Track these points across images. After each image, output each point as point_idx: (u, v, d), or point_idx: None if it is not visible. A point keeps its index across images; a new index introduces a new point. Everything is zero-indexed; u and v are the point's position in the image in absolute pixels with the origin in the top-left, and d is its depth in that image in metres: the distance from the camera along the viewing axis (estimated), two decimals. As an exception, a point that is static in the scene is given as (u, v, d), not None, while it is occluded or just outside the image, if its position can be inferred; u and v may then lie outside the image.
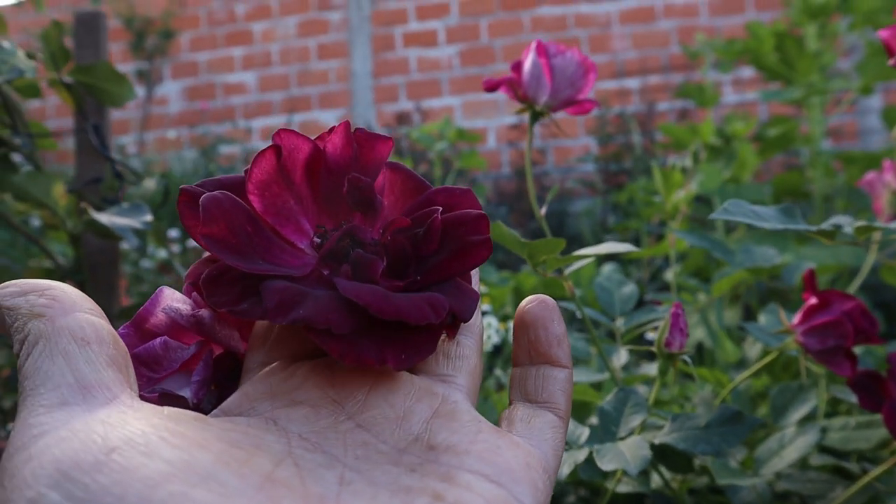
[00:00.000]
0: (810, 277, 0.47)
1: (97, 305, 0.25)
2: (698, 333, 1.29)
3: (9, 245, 1.58)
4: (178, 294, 0.29)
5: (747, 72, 2.93)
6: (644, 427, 0.49)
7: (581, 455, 0.44)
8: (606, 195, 2.72)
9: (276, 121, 3.51)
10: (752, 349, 0.74)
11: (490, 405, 0.79)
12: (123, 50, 3.50)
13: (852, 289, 0.74)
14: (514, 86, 0.55)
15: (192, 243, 2.29)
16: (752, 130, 1.59)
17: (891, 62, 0.44)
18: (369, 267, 0.26)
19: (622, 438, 0.45)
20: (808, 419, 0.52)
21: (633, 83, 3.25)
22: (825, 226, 0.47)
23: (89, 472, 0.18)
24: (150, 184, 0.68)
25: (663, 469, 0.54)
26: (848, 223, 0.47)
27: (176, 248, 2.32)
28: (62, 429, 0.20)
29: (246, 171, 0.27)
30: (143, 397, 0.25)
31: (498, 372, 1.06)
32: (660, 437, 0.45)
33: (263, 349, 0.27)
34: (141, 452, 0.19)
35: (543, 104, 0.54)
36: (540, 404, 0.27)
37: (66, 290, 0.24)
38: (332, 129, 0.28)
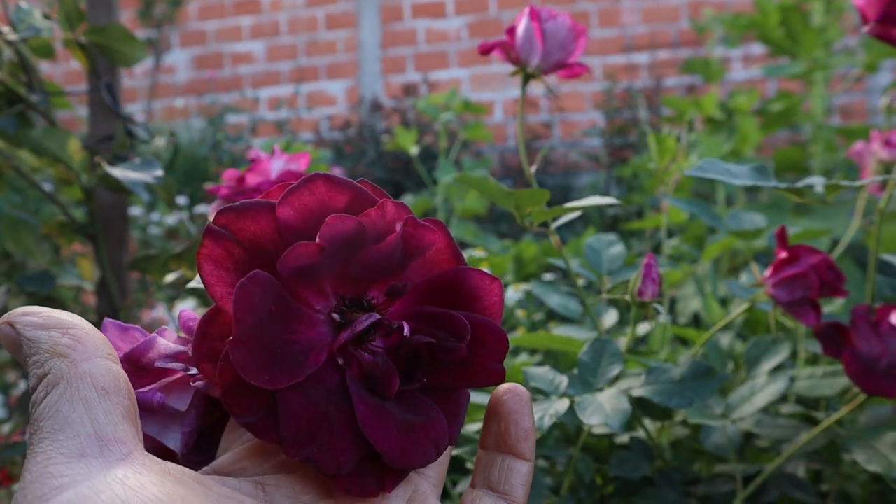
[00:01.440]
0: (781, 234, 0.49)
1: (113, 349, 0.25)
2: (695, 304, 1.33)
3: (19, 206, 1.61)
4: (169, 343, 0.30)
5: (756, 48, 2.92)
6: (622, 376, 0.52)
7: (562, 406, 0.47)
8: (611, 169, 2.73)
9: (284, 90, 3.53)
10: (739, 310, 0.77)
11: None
12: (132, 18, 3.51)
13: (836, 252, 0.76)
14: (507, 49, 0.57)
15: (198, 209, 2.32)
16: (754, 105, 1.60)
17: (866, 29, 0.46)
18: (387, 384, 0.26)
19: (600, 389, 0.48)
20: (781, 370, 0.55)
21: (641, 58, 3.24)
22: (797, 185, 0.50)
23: None
24: (160, 142, 0.71)
25: (645, 419, 0.58)
26: (819, 182, 0.50)
27: (184, 214, 2.35)
28: (82, 485, 0.20)
29: (281, 231, 0.26)
30: None
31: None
32: (636, 390, 0.48)
33: (238, 430, 0.28)
34: None
35: (535, 66, 0.57)
36: (501, 496, 0.28)
37: (88, 332, 0.24)
38: (381, 207, 0.27)
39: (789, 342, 0.55)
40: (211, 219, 0.33)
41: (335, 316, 0.27)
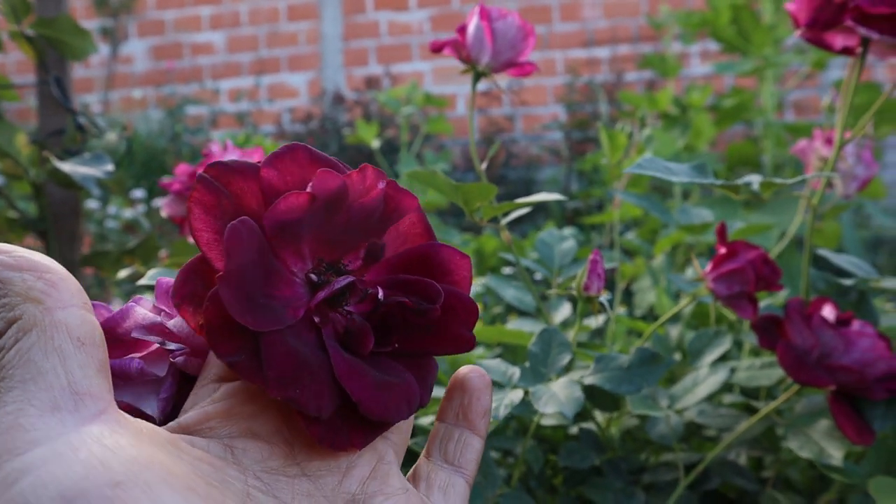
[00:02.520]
0: (721, 230, 0.51)
1: (87, 297, 0.24)
2: (651, 297, 1.35)
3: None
4: (147, 313, 0.30)
5: (713, 45, 2.98)
6: (571, 367, 0.53)
7: (516, 396, 0.48)
8: (572, 163, 2.76)
9: (245, 82, 3.48)
10: (688, 308, 0.79)
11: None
12: (87, 6, 3.43)
13: (780, 247, 0.79)
14: (458, 47, 0.58)
15: (156, 203, 2.29)
16: (708, 101, 1.63)
17: (797, 34, 0.48)
18: (361, 342, 0.27)
19: (552, 379, 0.50)
20: (724, 360, 0.57)
21: (602, 52, 3.27)
22: (734, 182, 0.51)
23: None
24: (111, 137, 0.70)
25: (595, 411, 0.59)
26: (756, 180, 0.52)
27: (141, 207, 2.32)
28: (57, 441, 0.20)
29: (264, 189, 0.27)
30: None
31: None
32: (587, 378, 0.49)
33: (218, 364, 0.28)
34: (143, 491, 0.20)
35: (485, 65, 0.57)
36: (456, 468, 0.29)
37: (64, 278, 0.23)
38: (363, 171, 0.28)
39: (732, 334, 0.57)
40: (163, 214, 0.33)
41: (312, 276, 0.27)
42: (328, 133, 3.24)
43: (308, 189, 0.26)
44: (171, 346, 0.29)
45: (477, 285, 1.19)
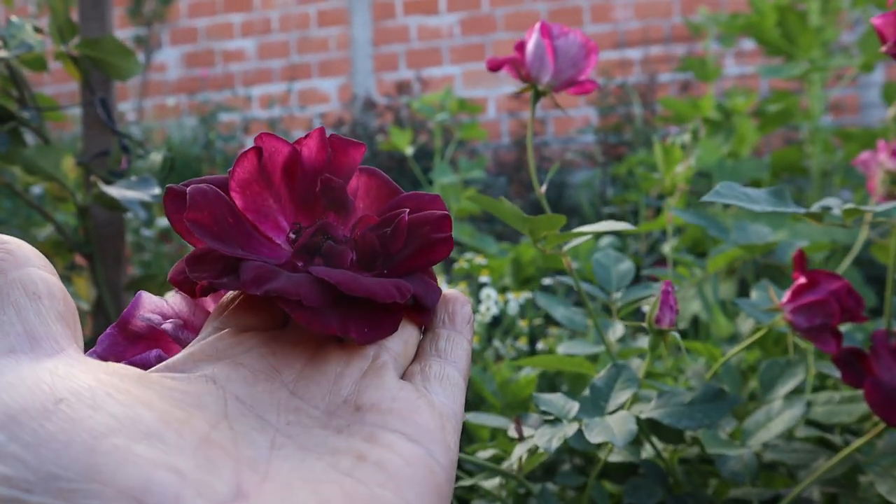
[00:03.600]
0: (800, 258, 0.48)
1: (49, 263, 0.26)
2: (695, 307, 1.32)
3: (11, 214, 1.59)
4: (155, 299, 0.31)
5: (749, 44, 2.92)
6: (636, 399, 0.51)
7: (570, 430, 0.46)
8: (606, 167, 2.72)
9: (276, 88, 3.49)
10: (745, 324, 0.76)
11: (489, 376, 0.82)
12: (121, 15, 3.47)
13: (843, 266, 0.75)
14: (517, 66, 0.56)
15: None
16: (752, 105, 1.59)
17: (883, 49, 0.45)
18: (340, 258, 0.28)
19: (611, 413, 0.48)
20: (796, 393, 0.54)
21: (634, 54, 3.23)
22: (814, 208, 0.49)
23: (37, 418, 0.19)
24: (156, 157, 0.69)
25: (655, 440, 0.57)
26: (837, 205, 0.49)
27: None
28: (9, 374, 0.21)
29: (230, 171, 0.29)
30: None
31: (496, 343, 1.08)
32: (646, 412, 0.47)
33: (220, 318, 0.28)
34: (88, 405, 0.20)
35: (546, 84, 0.55)
36: (448, 361, 0.29)
37: (20, 245, 0.25)
38: (308, 134, 0.30)
39: (803, 363, 0.55)
40: None
41: (291, 236, 0.29)
42: (360, 139, 3.23)
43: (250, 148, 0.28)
44: (166, 324, 0.30)
45: (519, 299, 1.16)
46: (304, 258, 0.28)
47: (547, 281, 1.49)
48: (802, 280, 0.48)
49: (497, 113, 3.35)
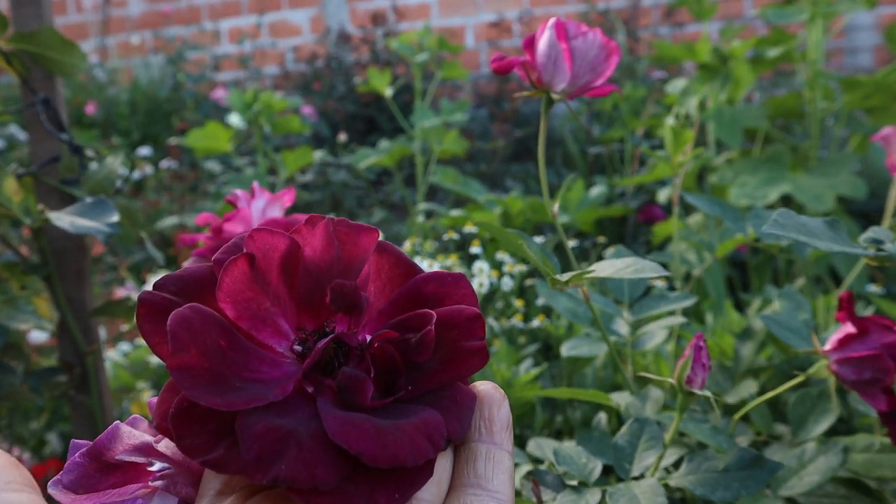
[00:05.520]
0: (848, 301, 0.43)
1: (22, 473, 0.24)
2: (691, 257, 1.28)
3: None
4: (135, 434, 0.27)
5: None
6: (661, 459, 0.46)
7: (593, 499, 0.42)
8: (591, 103, 2.63)
9: (245, 21, 3.32)
10: (758, 322, 0.72)
11: (490, 373, 0.77)
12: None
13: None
14: (527, 68, 0.49)
15: (164, 164, 2.20)
16: (749, 49, 1.51)
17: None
18: (358, 391, 0.24)
19: (636, 478, 0.43)
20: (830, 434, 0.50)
21: (617, -24, 3.09)
22: (863, 241, 0.43)
23: None
24: (113, 162, 0.62)
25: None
26: (888, 238, 0.43)
27: (148, 168, 2.23)
28: None
29: (214, 268, 0.25)
30: None
31: (490, 321, 1.04)
32: (676, 480, 0.43)
33: (219, 478, 0.25)
34: None
35: (560, 91, 0.48)
36: (490, 493, 0.26)
37: None
38: (310, 221, 0.26)
39: (836, 397, 0.50)
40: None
41: (297, 347, 0.25)
42: (335, 73, 3.10)
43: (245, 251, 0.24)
44: (157, 465, 0.27)
45: (513, 272, 1.11)
46: (315, 380, 0.24)
47: (538, 239, 1.44)
48: (851, 329, 0.42)
49: (476, 42, 3.22)
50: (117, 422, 0.28)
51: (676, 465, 0.45)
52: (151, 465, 0.27)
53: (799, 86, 1.67)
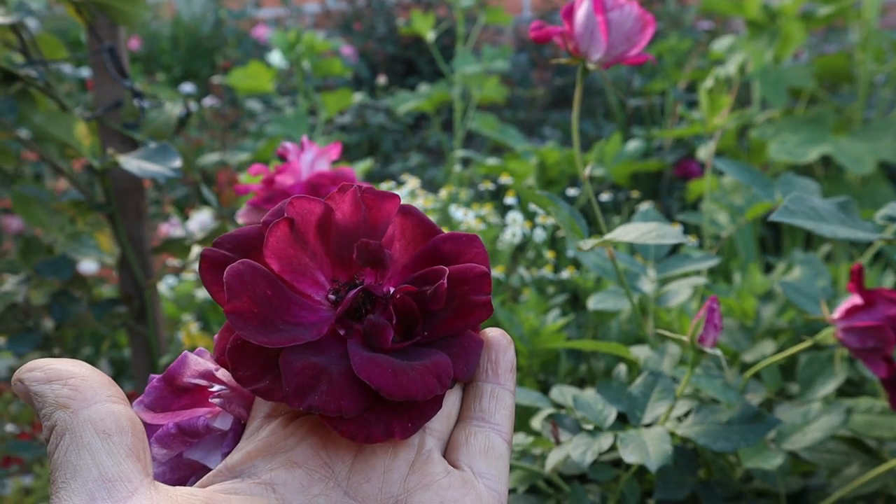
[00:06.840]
0: (858, 274, 0.45)
1: (117, 389, 0.27)
2: (721, 219, 1.29)
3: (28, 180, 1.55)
4: (200, 362, 0.31)
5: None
6: (671, 410, 0.50)
7: (605, 442, 0.46)
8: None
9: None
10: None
11: (517, 321, 0.81)
12: None
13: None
14: (564, 37, 0.51)
15: (207, 102, 2.24)
16: (803, 4, 1.48)
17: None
18: (381, 335, 0.28)
19: (647, 426, 0.47)
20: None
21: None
22: (880, 219, 0.45)
23: None
24: (172, 109, 0.65)
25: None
26: (905, 216, 0.45)
27: (193, 105, 2.26)
28: None
29: (262, 228, 0.29)
30: (178, 457, 0.31)
31: (521, 271, 1.07)
32: (682, 429, 0.46)
33: (267, 404, 0.30)
34: None
35: (596, 61, 0.50)
36: (492, 426, 0.30)
37: (86, 378, 0.26)
38: (341, 189, 0.29)
39: (845, 362, 0.53)
40: (240, 221, 0.39)
41: (331, 297, 0.29)
42: (375, 13, 3.08)
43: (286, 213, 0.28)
44: (216, 387, 0.31)
45: (546, 223, 1.14)
46: (346, 324, 0.29)
47: (572, 191, 1.45)
48: (858, 300, 0.45)
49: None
50: (186, 351, 0.32)
51: (687, 416, 0.49)
52: (212, 387, 0.31)
53: (849, 44, 1.63)
